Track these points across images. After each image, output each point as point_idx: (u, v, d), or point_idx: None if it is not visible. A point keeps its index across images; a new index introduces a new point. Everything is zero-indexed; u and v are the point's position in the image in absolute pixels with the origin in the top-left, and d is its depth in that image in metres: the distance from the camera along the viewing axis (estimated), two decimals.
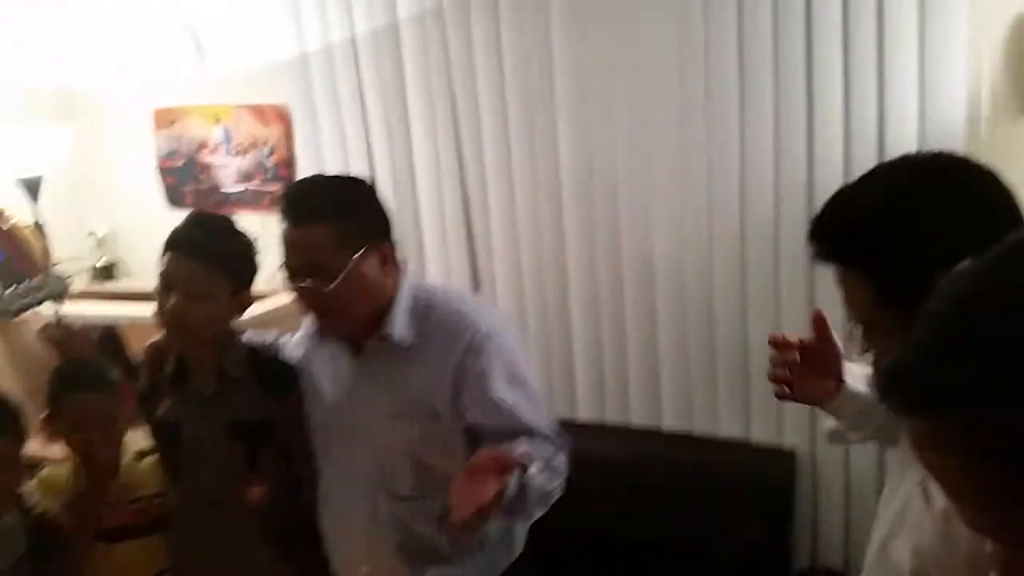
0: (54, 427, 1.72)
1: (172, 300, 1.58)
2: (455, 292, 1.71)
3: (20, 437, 1.68)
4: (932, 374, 0.56)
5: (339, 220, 1.50)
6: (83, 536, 1.71)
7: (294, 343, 1.78)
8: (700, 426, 2.36)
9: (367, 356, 1.59)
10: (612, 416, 2.47)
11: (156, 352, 1.74)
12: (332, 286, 1.47)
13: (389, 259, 1.56)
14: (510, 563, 1.65)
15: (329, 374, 1.65)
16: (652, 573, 2.24)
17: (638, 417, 2.44)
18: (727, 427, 2.33)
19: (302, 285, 1.50)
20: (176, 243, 1.62)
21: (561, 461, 1.51)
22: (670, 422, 2.40)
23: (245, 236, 1.68)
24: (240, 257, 1.66)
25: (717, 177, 2.19)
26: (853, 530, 2.23)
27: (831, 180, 1.99)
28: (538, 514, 1.52)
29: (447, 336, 1.54)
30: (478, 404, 1.50)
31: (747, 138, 2.14)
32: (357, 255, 1.49)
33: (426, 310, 1.57)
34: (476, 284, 2.58)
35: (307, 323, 1.73)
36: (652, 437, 2.42)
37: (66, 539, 1.72)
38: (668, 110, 2.20)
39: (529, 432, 1.49)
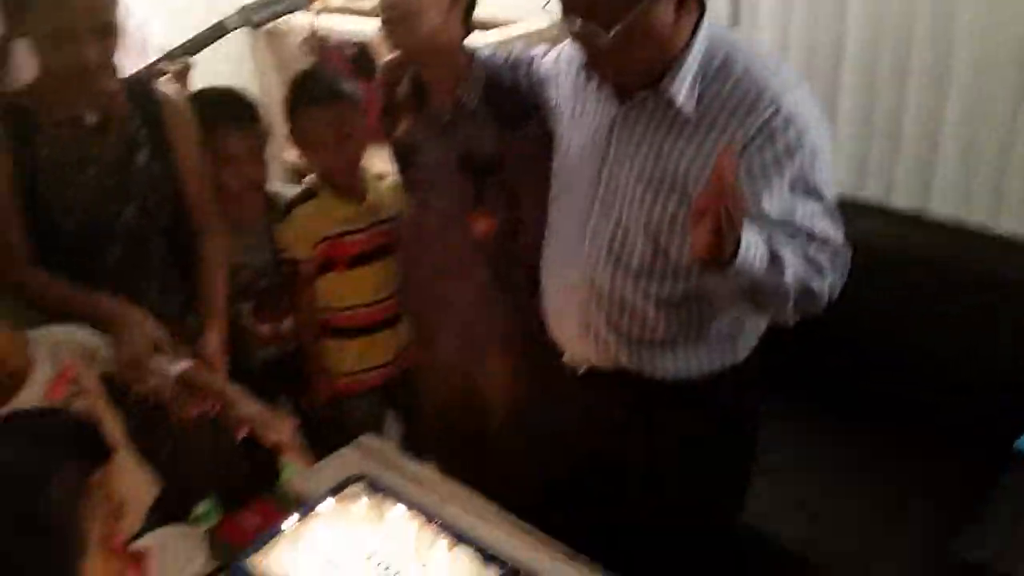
0: (293, 138, 1.84)
1: (389, 13, 1.56)
2: (761, 56, 1.33)
3: (261, 131, 1.81)
4: None
5: None
6: None
7: (550, 60, 1.64)
8: (976, 217, 2.07)
9: (635, 109, 1.37)
10: (872, 194, 2.22)
11: (391, 71, 1.75)
12: (612, 33, 1.22)
13: (686, 1, 1.28)
14: (733, 364, 1.50)
15: (585, 117, 1.48)
16: (893, 382, 2.01)
17: (902, 199, 2.18)
18: (1008, 223, 2.03)
19: (575, 30, 1.27)
20: None
21: (834, 262, 1.32)
22: (938, 207, 2.12)
23: None
24: None
25: None
26: None
27: None
28: (791, 312, 1.32)
29: (738, 109, 1.28)
30: (749, 204, 1.23)
31: None
32: None
33: (720, 72, 1.30)
34: (735, 18, 2.27)
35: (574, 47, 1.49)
36: (916, 223, 2.14)
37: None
38: None
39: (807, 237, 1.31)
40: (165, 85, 1.66)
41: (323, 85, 1.79)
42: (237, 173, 1.76)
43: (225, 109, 1.76)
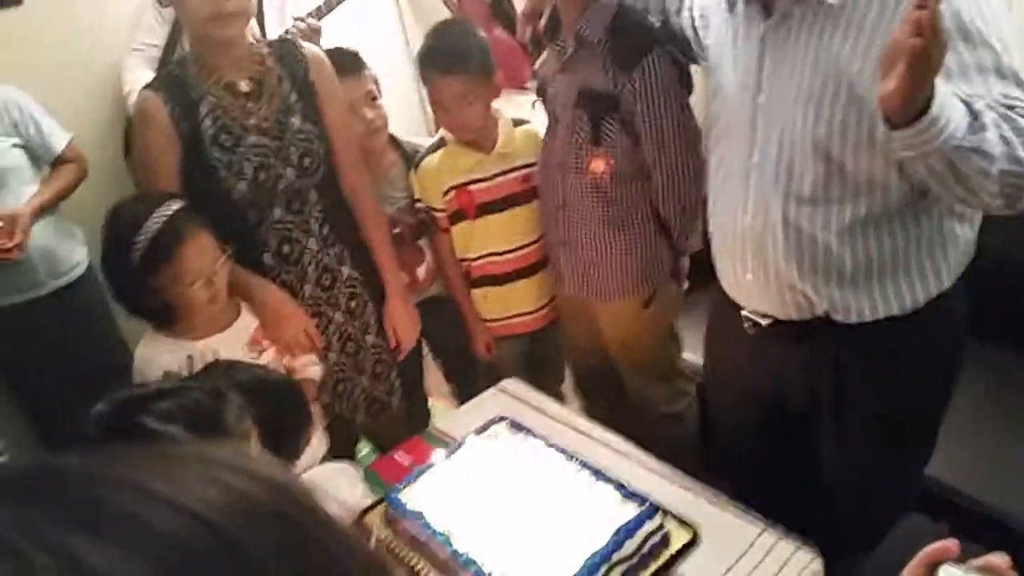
0: (433, 108, 1.92)
1: None
2: None
3: (365, 80, 1.89)
4: None
5: None
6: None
7: None
8: None
9: (779, 18, 1.29)
10: None
11: (534, 4, 1.76)
12: None
13: None
14: (940, 293, 1.34)
15: (736, 48, 1.39)
16: None
17: None
18: None
19: None
20: None
21: None
22: None
23: None
24: None
25: None
26: None
27: None
28: (998, 192, 1.10)
29: None
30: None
31: None
32: None
33: None
34: None
35: None
36: None
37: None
38: None
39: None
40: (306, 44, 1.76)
41: (450, 52, 1.82)
42: (359, 117, 1.84)
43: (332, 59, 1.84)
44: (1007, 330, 1.82)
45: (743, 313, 1.48)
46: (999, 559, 0.55)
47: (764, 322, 1.45)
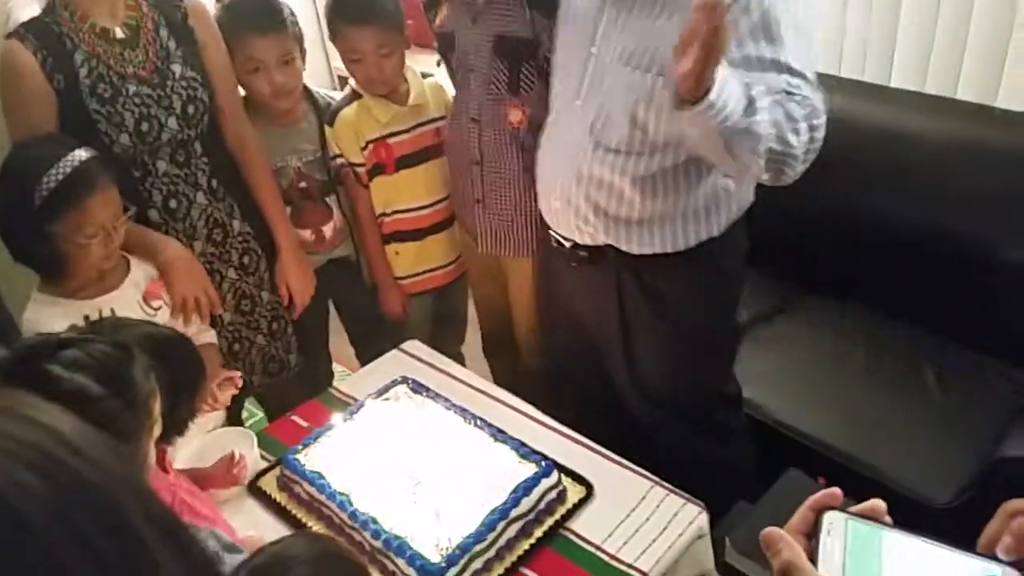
0: (346, 62, 1.87)
1: None
2: None
3: (290, 38, 1.80)
4: None
5: None
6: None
7: None
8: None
9: None
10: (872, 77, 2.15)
11: None
12: None
13: None
14: (708, 238, 1.55)
15: (580, 2, 1.52)
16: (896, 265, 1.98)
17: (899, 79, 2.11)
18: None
19: None
20: None
21: (805, 112, 1.29)
22: (934, 88, 2.04)
23: None
24: None
25: None
26: None
27: None
28: (764, 165, 1.30)
29: None
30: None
31: None
32: None
33: None
34: None
35: None
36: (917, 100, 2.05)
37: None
38: None
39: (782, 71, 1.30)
40: None
41: (363, 3, 1.79)
42: (268, 79, 1.78)
43: (252, 17, 1.78)
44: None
45: (550, 233, 1.68)
46: (877, 504, 0.60)
47: (567, 244, 1.65)
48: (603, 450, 1.52)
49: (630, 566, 1.31)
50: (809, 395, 1.89)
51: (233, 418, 1.88)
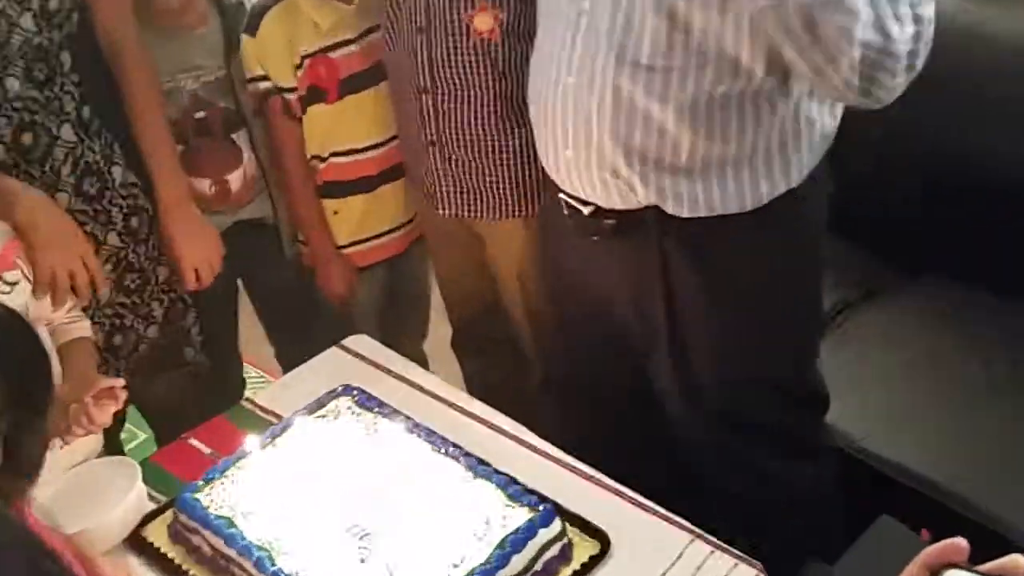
0: None
1: None
2: None
3: None
4: None
5: None
6: None
7: None
8: None
9: None
10: None
11: None
12: None
13: None
14: (786, 190, 1.48)
15: None
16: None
17: None
18: None
19: None
20: None
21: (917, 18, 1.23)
22: None
23: None
24: None
25: None
26: None
27: None
28: (857, 69, 1.27)
29: None
30: None
31: None
32: None
33: None
34: None
35: None
36: None
37: None
38: None
39: None
40: None
41: None
42: None
43: None
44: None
45: (560, 197, 1.55)
46: (1019, 561, 0.57)
47: (585, 210, 1.53)
48: (624, 489, 1.44)
49: None
50: (910, 416, 1.80)
51: (111, 442, 1.79)
